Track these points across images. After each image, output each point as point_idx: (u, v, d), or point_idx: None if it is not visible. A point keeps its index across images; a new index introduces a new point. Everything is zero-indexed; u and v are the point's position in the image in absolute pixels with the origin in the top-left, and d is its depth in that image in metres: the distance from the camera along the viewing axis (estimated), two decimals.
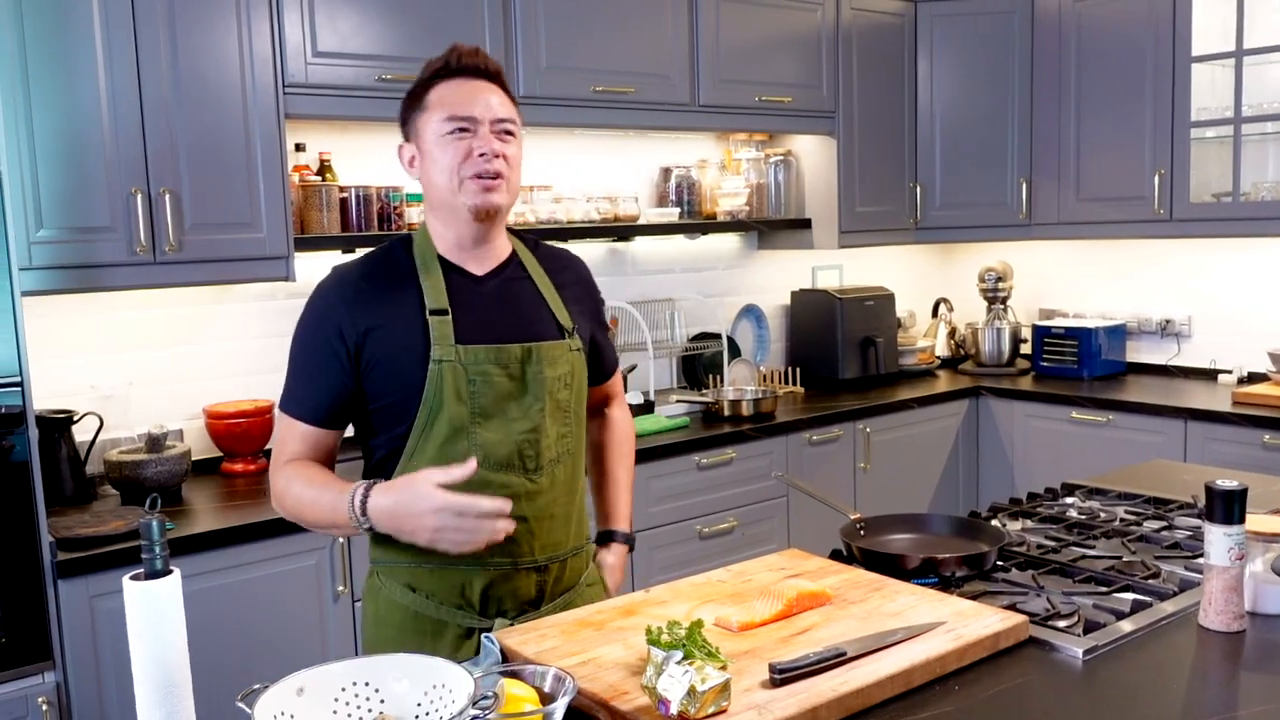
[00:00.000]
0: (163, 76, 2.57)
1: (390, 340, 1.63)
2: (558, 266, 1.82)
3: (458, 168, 1.63)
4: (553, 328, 1.72)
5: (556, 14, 3.18)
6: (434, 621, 1.66)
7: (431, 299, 1.65)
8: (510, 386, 1.65)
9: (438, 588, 1.66)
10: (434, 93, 1.66)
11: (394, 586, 1.69)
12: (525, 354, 1.66)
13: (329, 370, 1.64)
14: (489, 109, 1.64)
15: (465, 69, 1.66)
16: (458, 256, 1.70)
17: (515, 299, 1.72)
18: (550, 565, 1.70)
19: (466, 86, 1.65)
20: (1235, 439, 3.43)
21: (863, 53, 4.03)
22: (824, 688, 1.32)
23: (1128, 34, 3.85)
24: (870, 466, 3.82)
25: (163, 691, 1.15)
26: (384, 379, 1.63)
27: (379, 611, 1.71)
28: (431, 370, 1.61)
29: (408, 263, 1.69)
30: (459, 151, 1.63)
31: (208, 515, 2.57)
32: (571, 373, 1.72)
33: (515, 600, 1.68)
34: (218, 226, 2.68)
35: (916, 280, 4.81)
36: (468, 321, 1.65)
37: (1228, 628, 1.55)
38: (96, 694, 2.31)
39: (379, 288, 1.66)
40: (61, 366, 2.81)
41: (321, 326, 1.66)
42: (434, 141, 1.65)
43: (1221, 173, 3.80)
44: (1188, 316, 4.17)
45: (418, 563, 1.66)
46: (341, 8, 2.82)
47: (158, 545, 1.16)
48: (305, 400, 1.67)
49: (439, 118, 1.64)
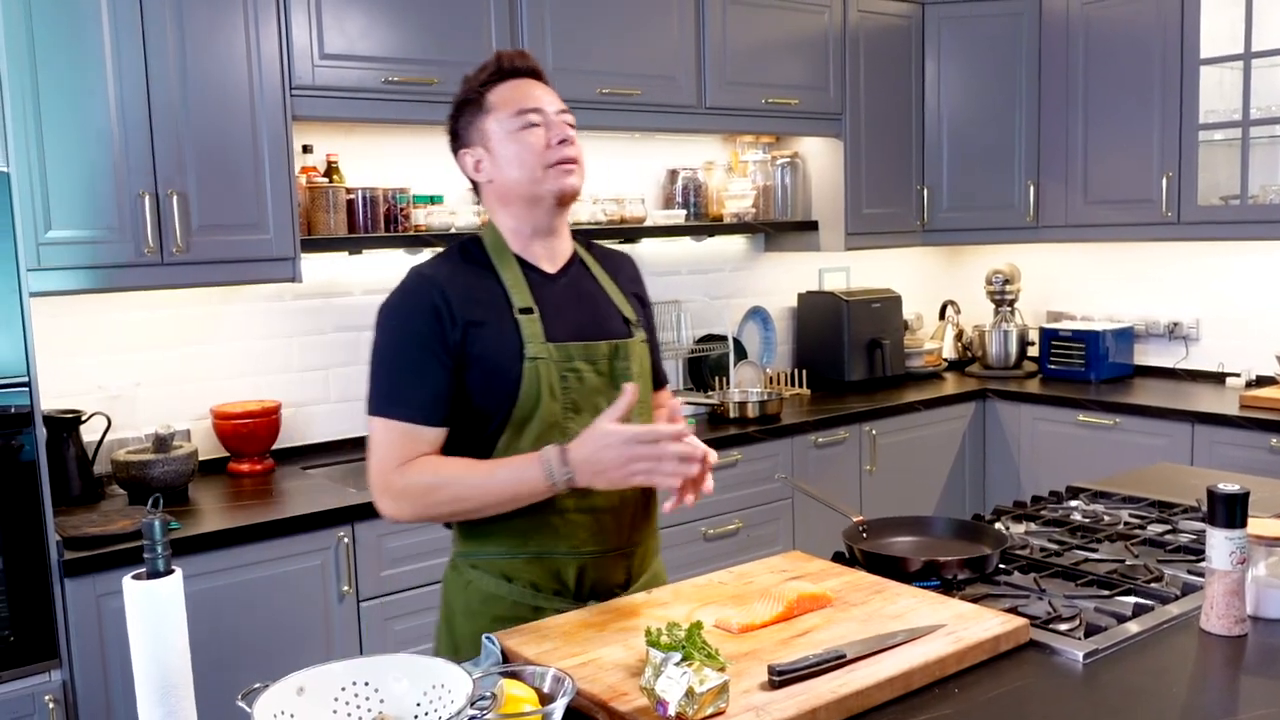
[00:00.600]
0: (171, 79, 2.59)
1: (486, 338, 1.65)
2: (613, 264, 1.88)
3: (538, 157, 1.68)
4: (621, 323, 1.78)
5: (563, 16, 3.19)
6: (531, 609, 1.68)
7: (518, 298, 1.69)
8: (599, 381, 1.71)
9: (534, 576, 1.70)
10: (492, 95, 1.71)
11: (488, 579, 1.71)
12: (610, 350, 1.73)
13: (436, 365, 1.64)
14: (552, 101, 1.72)
15: (517, 70, 1.73)
16: (531, 255, 1.74)
17: (588, 296, 1.78)
18: (635, 550, 1.77)
19: (524, 84, 1.72)
20: (1243, 442, 3.42)
21: (870, 55, 4.03)
22: (823, 689, 1.32)
23: (1136, 36, 3.84)
24: (876, 469, 3.82)
25: (163, 691, 1.16)
26: (480, 376, 1.65)
27: (470, 604, 1.73)
28: (527, 367, 1.64)
29: (485, 261, 1.73)
30: (536, 141, 1.68)
31: (214, 515, 2.58)
32: (643, 365, 1.79)
33: (606, 585, 1.73)
34: (225, 228, 2.70)
35: (923, 282, 4.81)
36: (552, 319, 1.69)
37: (1229, 632, 1.54)
38: (103, 692, 2.32)
39: (466, 286, 1.68)
40: (70, 367, 2.82)
41: (421, 325, 1.64)
42: (505, 138, 1.69)
43: (1230, 175, 3.79)
44: (1196, 319, 4.15)
45: (513, 553, 1.69)
46: (349, 10, 2.84)
47: (159, 545, 1.17)
48: (415, 400, 1.64)
49: (506, 115, 1.69)
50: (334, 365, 3.26)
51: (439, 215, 3.19)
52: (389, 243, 3.14)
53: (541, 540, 1.68)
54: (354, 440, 3.29)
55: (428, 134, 3.34)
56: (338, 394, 3.27)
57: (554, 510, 1.67)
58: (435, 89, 2.97)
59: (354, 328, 3.28)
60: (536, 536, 1.68)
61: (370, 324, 3.46)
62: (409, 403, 1.64)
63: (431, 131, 3.31)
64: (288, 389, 3.17)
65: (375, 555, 2.67)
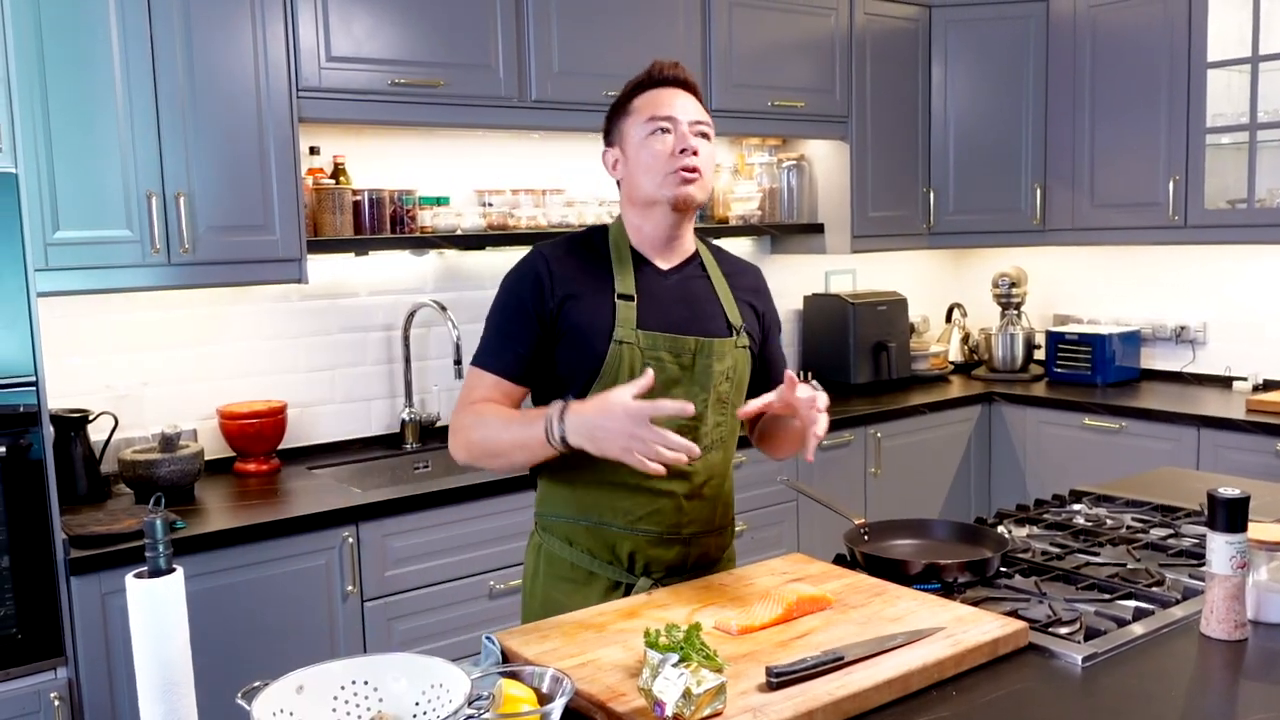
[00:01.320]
0: (178, 80, 2.60)
1: (582, 313, 1.76)
2: (737, 271, 1.96)
3: (661, 164, 1.77)
4: (723, 324, 1.85)
5: (569, 18, 3.20)
6: (586, 573, 1.81)
7: (621, 284, 1.79)
8: (679, 374, 1.78)
9: (591, 544, 1.81)
10: (637, 100, 1.82)
11: (554, 541, 1.85)
12: (697, 346, 1.79)
13: (527, 328, 1.76)
14: (686, 111, 1.79)
15: (665, 79, 1.81)
16: (648, 250, 1.84)
17: (694, 294, 1.85)
18: (693, 539, 1.82)
19: (666, 93, 1.80)
20: (1249, 447, 3.41)
21: (876, 57, 4.03)
22: (820, 691, 1.32)
23: (1143, 39, 3.84)
24: (881, 471, 3.82)
25: (164, 688, 1.17)
26: (570, 348, 1.76)
27: (538, 565, 1.87)
28: (612, 349, 1.74)
29: (603, 248, 1.84)
30: (662, 149, 1.77)
31: (219, 514, 2.60)
32: (734, 367, 1.84)
33: (660, 565, 1.81)
34: (232, 229, 2.71)
35: (930, 285, 4.80)
36: (650, 309, 1.78)
37: (1229, 636, 1.54)
38: (108, 690, 2.34)
39: (577, 264, 1.80)
40: (77, 366, 2.84)
41: (523, 290, 1.78)
42: (638, 143, 1.79)
43: (1237, 179, 3.78)
44: (1203, 323, 4.14)
45: (575, 519, 1.81)
46: (356, 12, 2.85)
47: (161, 544, 1.18)
48: (500, 355, 1.78)
49: (641, 120, 1.79)
50: (340, 366, 3.27)
51: (445, 216, 3.20)
52: (395, 244, 3.15)
53: (600, 512, 1.79)
54: (360, 441, 3.30)
55: (434, 136, 3.36)
56: (343, 394, 3.28)
57: (616, 484, 1.76)
58: (441, 91, 2.98)
59: (360, 328, 3.29)
60: (597, 508, 1.79)
61: (375, 324, 3.50)
62: (496, 355, 1.78)
63: (438, 133, 3.34)
64: (294, 389, 3.19)
65: (380, 555, 2.68)
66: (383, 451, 3.26)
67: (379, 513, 2.66)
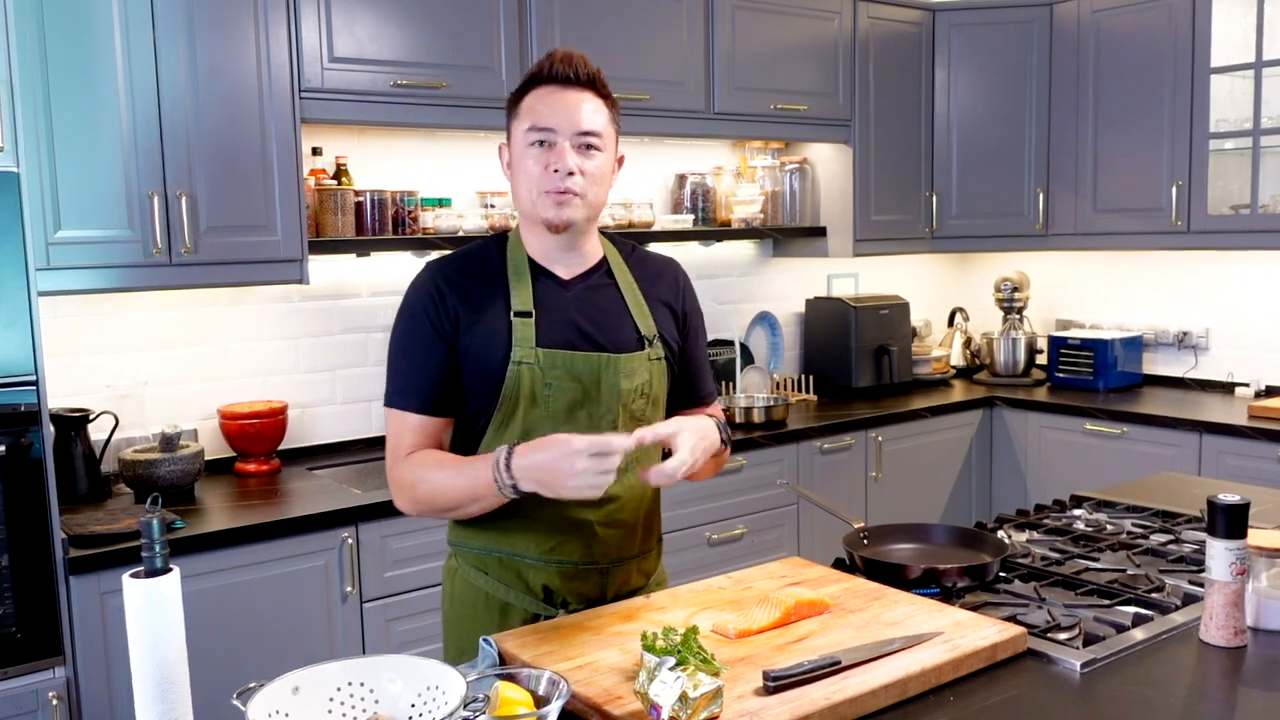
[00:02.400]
0: (181, 80, 2.61)
1: (478, 336, 1.66)
2: (650, 273, 1.81)
3: (535, 181, 1.64)
4: (633, 337, 1.72)
5: (572, 20, 3.20)
6: (501, 603, 1.72)
7: (517, 300, 1.67)
8: (583, 394, 1.67)
9: (504, 575, 1.72)
10: (526, 99, 1.67)
11: (469, 570, 1.76)
12: (600, 363, 1.67)
13: (431, 358, 1.66)
14: (571, 121, 1.63)
15: (556, 76, 1.65)
16: (547, 260, 1.72)
17: (598, 305, 1.73)
18: (612, 568, 1.74)
19: (554, 96, 1.64)
20: (1251, 453, 3.40)
21: (880, 61, 4.03)
22: (817, 696, 1.32)
23: (1147, 45, 3.83)
24: (882, 475, 3.81)
25: (161, 687, 1.17)
26: (471, 373, 1.67)
27: (455, 591, 1.79)
28: (511, 370, 1.64)
29: (499, 261, 1.72)
30: (538, 164, 1.64)
31: (219, 515, 2.60)
32: (649, 381, 1.72)
33: (577, 596, 1.72)
34: (233, 229, 2.71)
35: (932, 289, 4.80)
36: (550, 325, 1.67)
37: (1228, 643, 1.54)
38: (106, 689, 2.34)
39: (471, 283, 1.69)
40: (78, 366, 2.84)
41: (420, 317, 1.68)
42: (520, 151, 1.67)
43: (1240, 185, 3.77)
44: (1205, 329, 4.14)
45: (486, 550, 1.73)
46: (358, 14, 2.85)
47: (157, 544, 1.18)
48: (411, 391, 1.68)
49: (524, 127, 1.65)
50: (341, 366, 3.27)
51: (447, 218, 3.20)
52: (397, 245, 3.15)
53: (513, 543, 1.70)
54: (360, 441, 3.30)
55: (437, 137, 3.36)
56: (344, 395, 3.28)
57: (529, 516, 1.67)
58: (444, 93, 2.98)
59: (361, 329, 3.29)
60: (509, 539, 1.70)
61: (377, 325, 3.49)
62: (406, 393, 1.68)
63: (440, 135, 3.34)
64: (295, 390, 3.19)
65: (379, 556, 2.68)
66: (383, 452, 3.24)
67: (379, 514, 2.66)
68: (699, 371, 1.87)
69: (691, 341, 1.85)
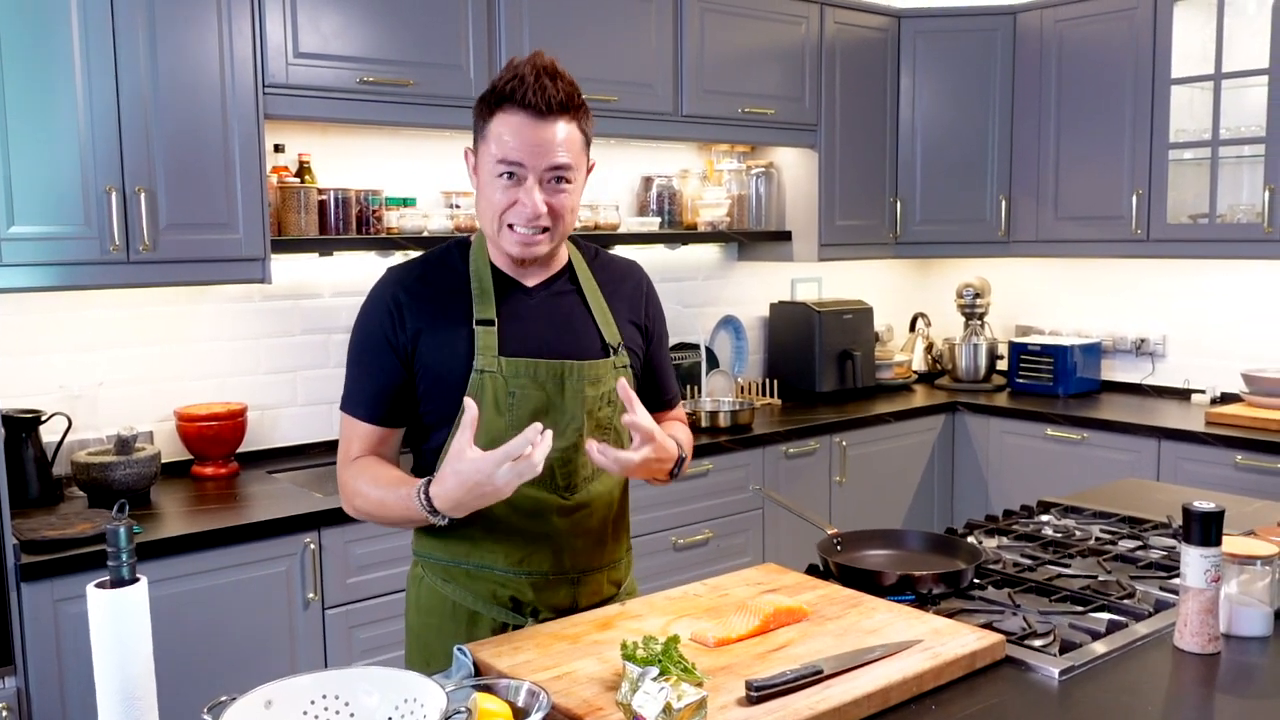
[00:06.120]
0: (141, 73, 2.54)
1: (438, 345, 1.64)
2: (614, 277, 1.79)
3: (501, 213, 1.60)
4: (597, 345, 1.71)
5: (541, 21, 3.17)
6: (470, 612, 1.70)
7: (480, 309, 1.65)
8: (547, 402, 1.65)
9: (473, 587, 1.70)
10: (496, 121, 1.58)
11: (435, 579, 1.74)
12: (564, 371, 1.65)
13: (383, 369, 1.66)
14: (543, 155, 1.56)
15: (529, 104, 1.55)
16: (509, 268, 1.70)
17: (563, 313, 1.71)
18: (582, 578, 1.72)
19: (526, 129, 1.56)
20: (1208, 459, 3.45)
21: (846, 67, 4.04)
22: (800, 705, 1.30)
23: (1108, 54, 3.88)
24: (846, 480, 3.82)
25: (126, 703, 1.12)
26: (431, 383, 1.65)
27: (421, 598, 1.76)
28: (473, 379, 1.62)
29: (462, 268, 1.69)
30: (506, 198, 1.58)
31: (176, 519, 2.53)
32: (615, 389, 1.69)
33: (547, 606, 1.70)
34: (194, 227, 2.65)
35: (894, 294, 4.82)
36: (513, 333, 1.65)
37: (1203, 649, 1.55)
38: (59, 700, 2.26)
39: (432, 291, 1.66)
40: (30, 365, 2.76)
41: (375, 327, 1.66)
42: (486, 177, 1.61)
43: (1198, 194, 3.83)
44: (1162, 336, 4.19)
45: (455, 561, 1.70)
46: (325, 9, 2.80)
47: (124, 552, 1.14)
48: (362, 400, 1.68)
49: (493, 155, 1.58)
50: (302, 368, 3.21)
51: (411, 218, 3.16)
52: (360, 245, 3.10)
53: (481, 555, 1.68)
54: (321, 444, 3.24)
55: (402, 136, 3.31)
56: (305, 397, 3.22)
57: (495, 528, 1.66)
58: (410, 91, 2.94)
59: (323, 330, 3.24)
60: (477, 551, 1.68)
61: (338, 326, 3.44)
62: (357, 401, 1.68)
63: (405, 133, 3.30)
64: (254, 391, 3.12)
65: (342, 562, 2.63)
66: None
67: (342, 519, 2.61)
68: (663, 375, 1.88)
69: (655, 346, 1.85)
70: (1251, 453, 3.35)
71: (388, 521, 1.65)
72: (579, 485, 1.69)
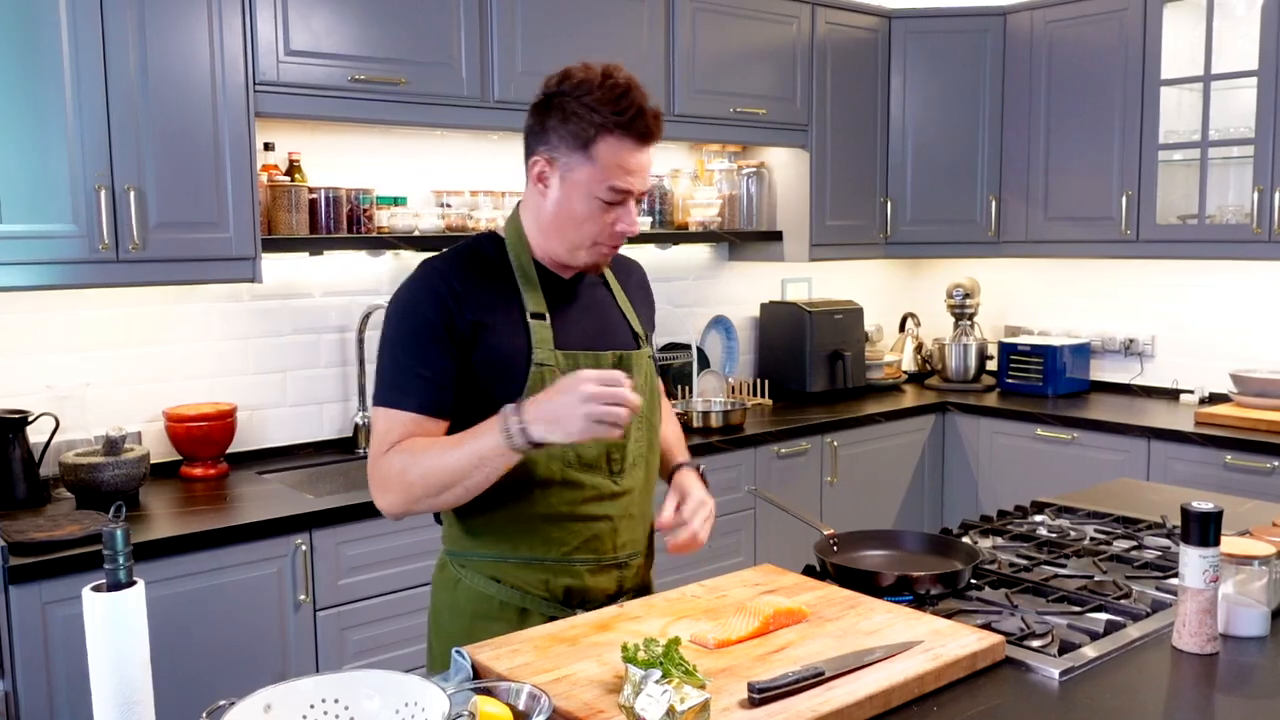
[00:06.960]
0: (130, 71, 2.51)
1: (494, 338, 1.64)
2: (623, 269, 1.87)
3: (595, 233, 1.65)
4: (630, 335, 1.79)
5: (533, 20, 3.16)
6: (518, 610, 1.69)
7: (532, 302, 1.67)
8: None
9: (523, 581, 1.69)
10: (605, 145, 1.60)
11: (477, 578, 1.72)
12: (617, 360, 1.72)
13: (442, 353, 1.62)
14: (645, 181, 1.66)
15: (641, 134, 1.61)
16: (548, 260, 1.72)
17: (600, 305, 1.78)
18: (630, 562, 1.76)
19: (638, 157, 1.62)
20: (1197, 459, 3.46)
21: (837, 67, 4.04)
22: (803, 707, 1.30)
23: (1099, 56, 3.89)
24: (837, 480, 3.82)
25: (124, 707, 1.11)
26: (487, 377, 1.64)
27: (456, 602, 1.73)
28: (533, 372, 1.64)
29: (500, 262, 1.70)
30: (606, 219, 1.64)
31: (166, 520, 2.51)
32: (647, 378, 1.77)
33: (598, 594, 1.72)
34: (183, 225, 2.62)
35: (885, 295, 4.83)
36: (564, 326, 1.69)
37: (1202, 650, 1.55)
38: (47, 704, 2.24)
39: (478, 284, 1.66)
40: (17, 365, 2.73)
41: (431, 315, 1.62)
42: (585, 196, 1.62)
43: (1187, 195, 3.85)
44: (1151, 336, 4.21)
45: (503, 556, 1.69)
46: (316, 6, 2.78)
47: (121, 555, 1.12)
48: (412, 390, 1.62)
49: (603, 181, 1.61)
50: (292, 368, 3.19)
51: (402, 217, 3.14)
52: (351, 244, 3.08)
53: (533, 546, 1.68)
54: (312, 445, 3.22)
55: (393, 134, 3.29)
56: (295, 397, 3.20)
57: (547, 517, 1.67)
58: (402, 89, 2.92)
59: (313, 330, 3.21)
60: (527, 542, 1.68)
61: (329, 326, 3.41)
62: (413, 392, 1.62)
63: (396, 132, 3.28)
64: (244, 391, 3.10)
65: (333, 563, 2.61)
66: (335, 456, 3.18)
67: (333, 519, 2.59)
68: None
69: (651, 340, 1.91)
70: (1241, 453, 3.37)
71: (441, 481, 1.56)
72: (626, 469, 1.72)
